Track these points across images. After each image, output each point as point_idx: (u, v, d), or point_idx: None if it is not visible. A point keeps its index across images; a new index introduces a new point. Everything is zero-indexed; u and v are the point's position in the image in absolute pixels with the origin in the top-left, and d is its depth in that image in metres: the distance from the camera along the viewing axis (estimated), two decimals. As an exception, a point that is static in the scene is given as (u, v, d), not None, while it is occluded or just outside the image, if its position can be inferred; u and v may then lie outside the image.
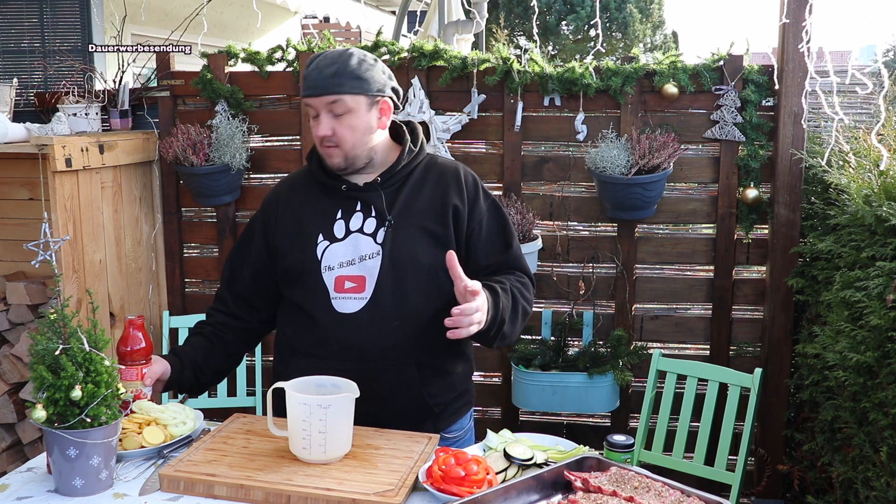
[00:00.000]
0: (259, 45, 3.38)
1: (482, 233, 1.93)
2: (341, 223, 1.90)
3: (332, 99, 1.81)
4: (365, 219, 1.89)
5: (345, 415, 1.64)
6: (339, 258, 1.87)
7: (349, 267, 1.87)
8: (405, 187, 1.91)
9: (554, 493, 1.54)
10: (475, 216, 1.92)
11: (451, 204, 1.90)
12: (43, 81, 3.57)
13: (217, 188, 3.22)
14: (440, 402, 1.94)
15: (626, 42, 16.79)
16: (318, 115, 1.84)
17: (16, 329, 3.07)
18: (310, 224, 1.92)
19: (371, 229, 1.88)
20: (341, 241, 1.88)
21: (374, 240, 1.87)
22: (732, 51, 3.01)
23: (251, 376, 3.37)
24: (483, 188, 1.99)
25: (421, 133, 2.00)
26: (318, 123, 1.85)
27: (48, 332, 1.53)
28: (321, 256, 1.88)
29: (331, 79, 1.81)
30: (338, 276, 1.87)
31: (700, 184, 3.15)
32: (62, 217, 2.81)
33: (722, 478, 2.65)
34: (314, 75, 1.82)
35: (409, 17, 6.24)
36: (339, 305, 1.86)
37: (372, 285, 1.85)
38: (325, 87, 1.81)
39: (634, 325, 3.23)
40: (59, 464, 1.53)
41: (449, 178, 1.94)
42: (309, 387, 1.68)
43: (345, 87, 1.82)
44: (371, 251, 1.86)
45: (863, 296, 2.14)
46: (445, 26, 4.82)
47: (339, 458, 1.64)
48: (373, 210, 1.89)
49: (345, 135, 1.84)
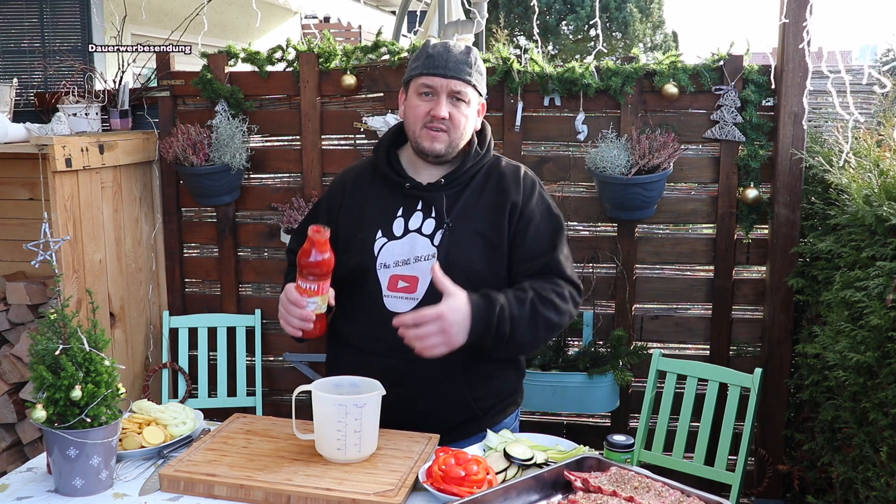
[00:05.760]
0: (259, 45, 3.38)
1: (528, 232, 1.90)
2: (401, 221, 1.90)
3: (459, 85, 1.83)
4: (424, 219, 1.89)
5: (376, 413, 1.66)
6: (395, 257, 1.87)
7: (404, 266, 1.87)
8: (467, 189, 1.91)
9: (554, 493, 1.54)
10: (526, 214, 1.90)
11: (511, 201, 1.89)
12: (43, 81, 3.57)
13: (217, 188, 3.22)
14: (485, 405, 1.93)
15: (626, 42, 16.80)
16: (435, 95, 1.84)
17: (16, 329, 3.07)
18: (371, 219, 1.92)
19: (429, 230, 1.88)
20: (399, 240, 1.89)
21: (430, 241, 1.87)
22: (732, 51, 3.01)
23: (251, 376, 3.38)
24: (541, 191, 1.97)
25: (489, 134, 1.99)
26: (435, 103, 1.84)
27: (48, 332, 1.53)
28: (378, 253, 1.88)
29: (463, 65, 1.83)
30: (392, 275, 1.87)
31: (700, 184, 3.15)
32: (62, 217, 2.81)
33: (722, 478, 2.65)
34: (445, 56, 1.83)
35: (409, 17, 6.23)
36: (390, 304, 1.87)
37: (424, 287, 1.85)
38: (458, 71, 1.83)
39: (634, 325, 3.23)
40: (59, 464, 1.53)
41: (509, 179, 1.93)
42: (327, 388, 1.69)
43: (472, 78, 1.85)
44: (427, 253, 1.86)
45: (863, 296, 2.14)
46: (445, 26, 4.82)
47: (369, 455, 1.65)
48: (433, 211, 1.89)
49: (460, 121, 1.86)
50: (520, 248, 1.89)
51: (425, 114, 1.85)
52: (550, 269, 1.89)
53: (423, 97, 1.85)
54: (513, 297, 1.79)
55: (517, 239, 1.89)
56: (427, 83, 1.84)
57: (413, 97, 1.89)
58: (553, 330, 1.86)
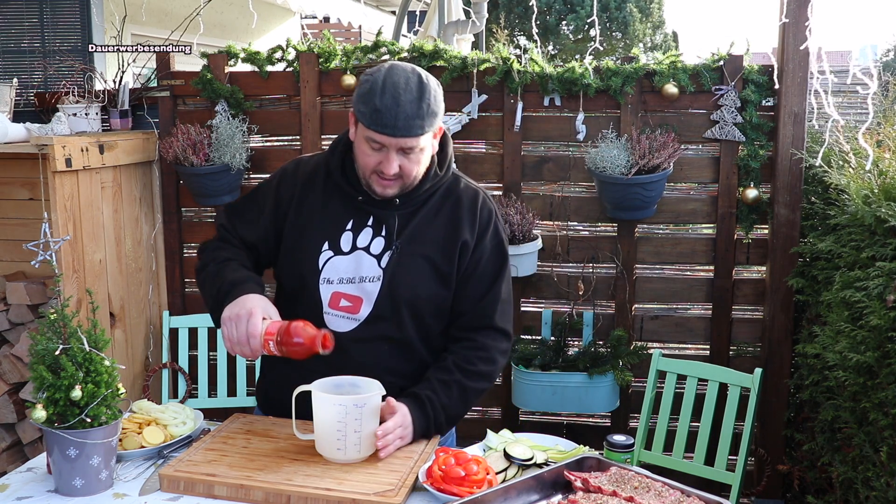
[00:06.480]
0: (259, 45, 3.38)
1: (476, 272, 1.85)
2: (349, 236, 1.82)
3: (410, 142, 1.69)
4: (374, 237, 1.82)
5: (376, 413, 1.65)
6: (340, 273, 1.81)
7: (348, 285, 1.81)
8: (421, 210, 1.83)
9: (554, 493, 1.54)
10: (476, 254, 1.85)
11: (462, 239, 1.82)
12: (43, 81, 3.57)
13: (217, 188, 3.22)
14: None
15: (626, 42, 16.81)
16: (384, 149, 1.71)
17: (16, 329, 3.07)
18: (318, 229, 1.84)
19: (377, 250, 1.81)
20: (345, 255, 1.81)
21: (377, 262, 1.80)
22: (732, 51, 3.01)
23: (251, 376, 3.37)
24: (496, 223, 1.89)
25: (450, 151, 1.87)
26: (385, 158, 1.71)
27: (48, 332, 1.53)
28: (322, 266, 1.82)
29: (414, 120, 1.66)
30: (335, 292, 1.81)
31: (700, 184, 3.15)
32: (62, 217, 2.81)
33: (722, 478, 2.65)
34: (394, 112, 1.65)
35: (409, 17, 6.24)
36: (330, 321, 1.81)
37: (368, 309, 1.80)
38: (407, 129, 1.67)
39: (634, 325, 3.23)
40: (59, 464, 1.53)
41: (465, 210, 1.85)
42: (327, 388, 1.68)
43: (425, 128, 1.69)
44: (373, 274, 1.80)
45: (863, 296, 2.14)
46: (445, 26, 4.82)
47: (369, 455, 1.65)
48: (383, 229, 1.81)
49: (411, 170, 1.74)
50: (463, 287, 1.85)
51: (375, 164, 1.73)
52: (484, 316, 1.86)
53: (373, 147, 1.72)
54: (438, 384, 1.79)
55: (463, 277, 1.85)
56: (374, 139, 1.69)
57: (361, 142, 1.74)
58: (485, 391, 1.88)
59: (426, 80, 1.71)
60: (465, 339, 1.86)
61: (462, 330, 1.87)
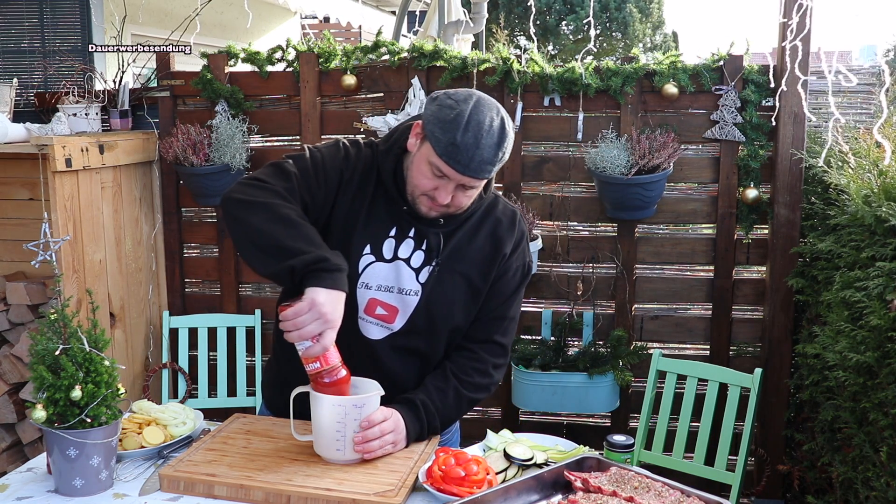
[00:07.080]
0: (259, 45, 3.38)
1: (499, 283, 1.84)
2: (391, 243, 1.78)
3: (474, 182, 1.66)
4: (415, 249, 1.78)
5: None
6: (379, 280, 1.77)
7: (386, 293, 1.78)
8: (462, 228, 1.80)
9: (554, 493, 1.54)
10: (504, 266, 1.84)
11: (503, 252, 1.82)
12: (43, 81, 3.57)
13: (217, 188, 3.22)
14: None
15: (626, 42, 16.80)
16: (445, 178, 1.65)
17: (16, 329, 3.07)
18: (363, 230, 1.77)
19: (417, 264, 1.78)
20: (387, 263, 1.78)
21: (416, 277, 1.78)
22: (732, 51, 3.01)
23: (251, 376, 3.38)
24: (525, 244, 1.90)
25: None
26: (441, 188, 1.67)
27: (48, 332, 1.53)
28: (362, 270, 1.78)
29: (486, 165, 1.63)
30: (372, 298, 1.78)
31: (700, 184, 3.15)
32: (62, 217, 2.81)
33: (722, 478, 2.66)
34: (471, 152, 1.61)
35: (409, 17, 6.24)
36: (364, 328, 1.79)
37: (402, 322, 1.79)
38: (478, 171, 1.63)
39: (634, 325, 3.23)
40: (59, 464, 1.53)
41: (504, 227, 1.84)
42: None
43: (493, 172, 1.67)
44: (411, 288, 1.78)
45: (863, 296, 2.14)
46: (445, 26, 4.82)
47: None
48: (424, 244, 1.78)
49: (462, 204, 1.72)
50: (490, 296, 1.85)
51: (430, 188, 1.68)
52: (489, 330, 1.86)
53: (434, 174, 1.66)
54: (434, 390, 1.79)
55: (490, 287, 1.85)
56: (440, 168, 1.64)
57: (423, 162, 1.68)
58: (479, 401, 1.89)
59: (507, 126, 1.67)
60: (466, 349, 1.87)
61: (465, 339, 1.88)
